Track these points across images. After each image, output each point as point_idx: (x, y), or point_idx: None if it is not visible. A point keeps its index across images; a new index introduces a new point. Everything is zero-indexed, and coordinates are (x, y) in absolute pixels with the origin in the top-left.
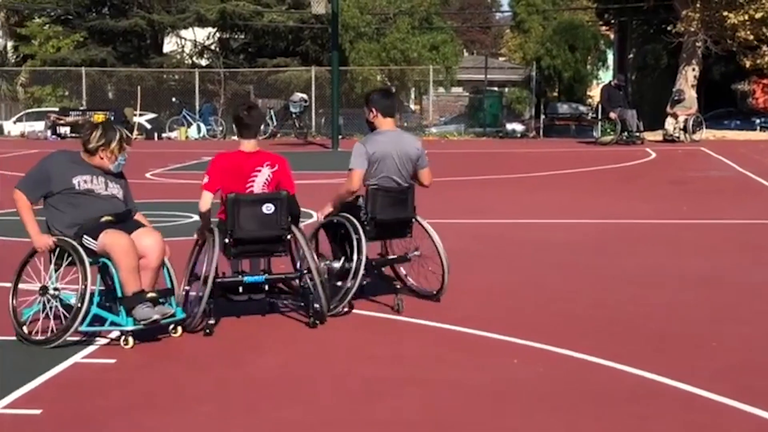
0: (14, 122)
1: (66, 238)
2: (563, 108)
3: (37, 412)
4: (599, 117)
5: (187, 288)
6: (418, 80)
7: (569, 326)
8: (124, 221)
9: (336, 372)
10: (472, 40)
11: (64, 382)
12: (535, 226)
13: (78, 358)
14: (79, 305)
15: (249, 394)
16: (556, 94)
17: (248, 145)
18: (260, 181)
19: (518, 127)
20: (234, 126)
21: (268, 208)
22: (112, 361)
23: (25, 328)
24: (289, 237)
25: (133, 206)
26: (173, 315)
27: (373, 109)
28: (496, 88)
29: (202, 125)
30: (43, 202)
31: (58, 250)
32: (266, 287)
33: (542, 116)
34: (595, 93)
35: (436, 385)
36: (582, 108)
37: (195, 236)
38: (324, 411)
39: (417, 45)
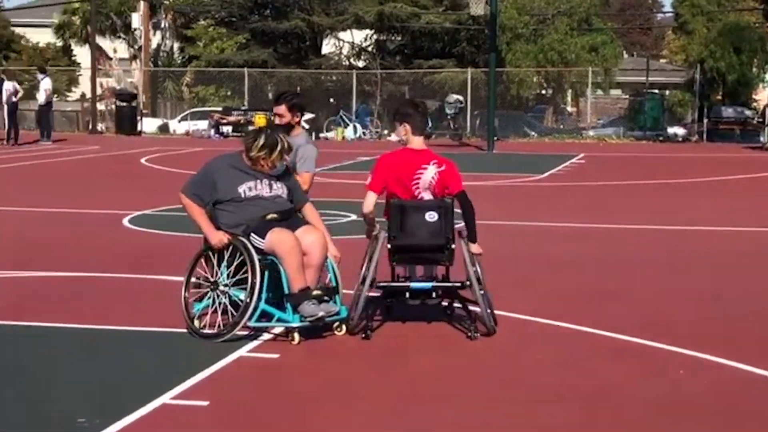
0: (179, 121)
1: (237, 236)
2: (728, 112)
3: (205, 403)
4: (766, 122)
5: (361, 289)
6: (576, 82)
7: (739, 337)
8: (288, 219)
9: (494, 377)
10: (633, 41)
11: (229, 374)
12: (708, 234)
13: (243, 352)
14: (248, 301)
15: (406, 395)
16: (719, 97)
17: (416, 143)
18: (426, 178)
19: (680, 130)
20: (395, 122)
21: (431, 216)
22: (276, 356)
23: (196, 322)
24: (453, 246)
25: (303, 198)
26: (338, 313)
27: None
28: (656, 91)
29: (358, 126)
30: None
31: (231, 247)
32: (433, 294)
33: (705, 120)
34: (761, 97)
35: (597, 394)
36: (747, 112)
37: (366, 236)
38: (480, 414)
39: (575, 46)
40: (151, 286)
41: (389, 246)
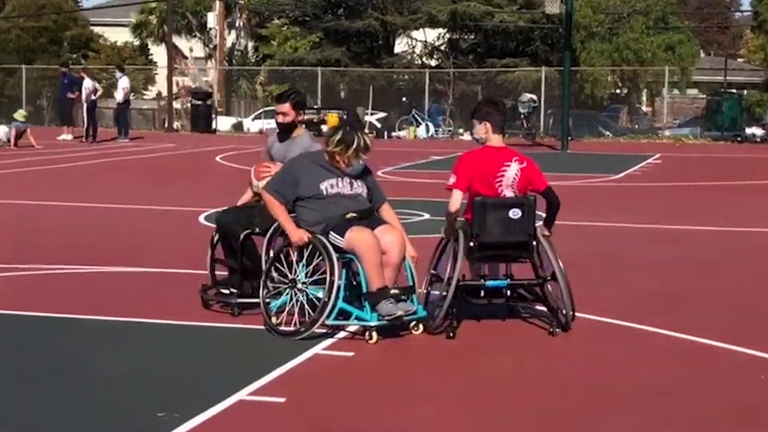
0: (253, 119)
1: (316, 234)
2: None
3: (281, 400)
4: None
5: (428, 288)
6: (651, 81)
7: None
8: (368, 217)
9: (570, 378)
10: (710, 40)
11: (306, 372)
12: None
13: (319, 349)
14: (326, 299)
15: (483, 394)
16: None
17: (496, 140)
18: (509, 176)
19: (758, 131)
20: (474, 121)
21: (514, 213)
22: (351, 354)
23: (273, 319)
24: (534, 243)
25: (381, 197)
26: (415, 312)
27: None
28: (734, 91)
29: (430, 125)
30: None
31: (311, 246)
32: (508, 292)
33: None
34: None
35: (676, 398)
36: None
37: (441, 235)
38: (554, 417)
39: (651, 45)
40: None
41: (471, 244)
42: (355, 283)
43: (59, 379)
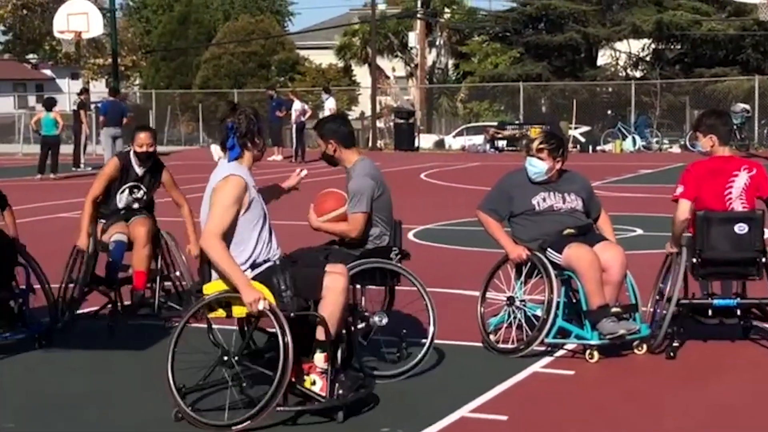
0: (454, 136)
1: (533, 251)
2: None
3: (503, 417)
4: None
5: (655, 306)
6: None
7: None
8: (585, 234)
9: None
10: None
11: (525, 390)
12: None
13: (537, 367)
14: (546, 317)
15: (707, 417)
16: None
17: (723, 150)
18: (738, 186)
19: None
20: (698, 134)
21: (740, 228)
22: (571, 372)
23: (491, 337)
24: (764, 260)
25: (597, 208)
26: (638, 331)
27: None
28: None
29: (637, 138)
30: None
31: (529, 263)
32: (738, 311)
33: None
34: None
35: None
36: None
37: (666, 250)
38: None
39: None
40: (441, 299)
41: (695, 260)
42: (574, 300)
43: None
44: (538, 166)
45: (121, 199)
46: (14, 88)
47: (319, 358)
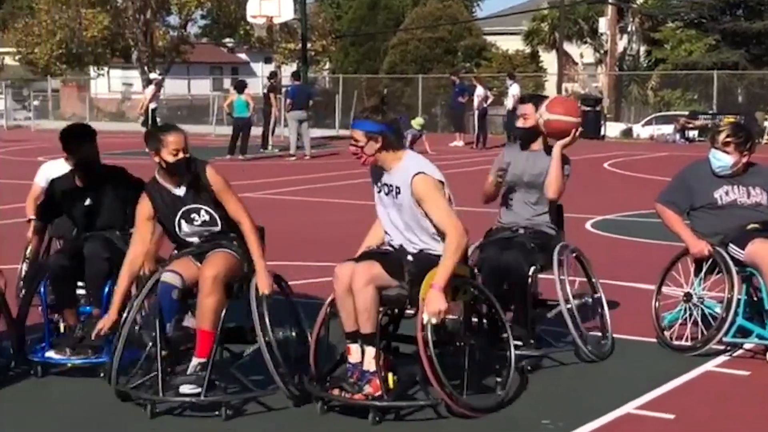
0: (643, 125)
1: (714, 245)
2: None
3: (670, 416)
4: None
5: None
6: None
7: None
8: None
9: None
10: None
11: (696, 389)
12: None
13: (711, 366)
14: (725, 315)
15: None
16: None
17: None
18: None
19: None
20: None
21: None
22: (747, 373)
23: (666, 333)
24: None
25: None
26: None
27: None
28: None
29: None
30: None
31: (711, 259)
32: None
33: None
34: None
35: None
36: None
37: None
38: None
39: None
40: (616, 293)
41: None
42: (756, 299)
43: None
44: (723, 160)
45: (187, 235)
46: (211, 71)
47: None
